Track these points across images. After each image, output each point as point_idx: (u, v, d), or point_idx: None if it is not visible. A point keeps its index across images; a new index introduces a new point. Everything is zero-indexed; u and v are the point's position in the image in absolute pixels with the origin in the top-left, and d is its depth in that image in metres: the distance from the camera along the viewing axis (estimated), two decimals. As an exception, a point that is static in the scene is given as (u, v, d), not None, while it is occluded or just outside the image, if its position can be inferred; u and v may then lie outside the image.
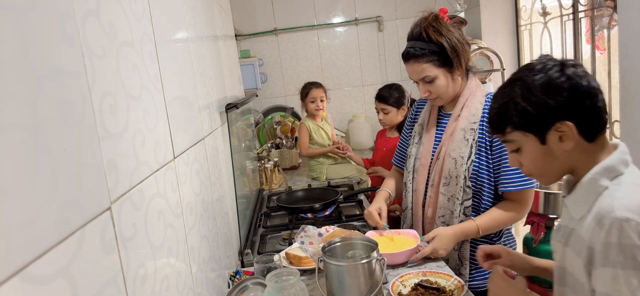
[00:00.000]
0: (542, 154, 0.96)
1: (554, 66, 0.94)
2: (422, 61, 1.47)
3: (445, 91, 1.51)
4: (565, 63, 0.94)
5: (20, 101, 0.51)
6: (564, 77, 0.92)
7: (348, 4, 3.92)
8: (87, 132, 0.65)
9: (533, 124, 0.95)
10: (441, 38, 1.45)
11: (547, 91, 0.92)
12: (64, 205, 0.57)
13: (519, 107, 0.95)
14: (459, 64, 1.48)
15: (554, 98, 0.92)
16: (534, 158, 0.98)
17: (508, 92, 0.98)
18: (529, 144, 0.97)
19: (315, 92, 2.98)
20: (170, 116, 1.06)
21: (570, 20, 2.67)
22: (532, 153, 0.98)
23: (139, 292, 0.77)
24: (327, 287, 1.27)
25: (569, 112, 0.91)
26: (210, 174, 1.45)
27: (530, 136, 0.96)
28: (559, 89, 0.92)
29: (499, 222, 1.47)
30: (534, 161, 0.99)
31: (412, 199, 1.64)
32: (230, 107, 1.83)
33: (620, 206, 0.84)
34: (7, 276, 0.46)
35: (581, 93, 0.91)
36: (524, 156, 1.00)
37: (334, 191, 2.38)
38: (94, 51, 0.70)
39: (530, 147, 0.97)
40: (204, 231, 1.27)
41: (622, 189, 0.88)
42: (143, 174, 0.85)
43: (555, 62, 0.95)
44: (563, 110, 0.92)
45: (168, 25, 1.15)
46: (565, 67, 0.93)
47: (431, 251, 1.44)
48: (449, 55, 1.45)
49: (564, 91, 0.91)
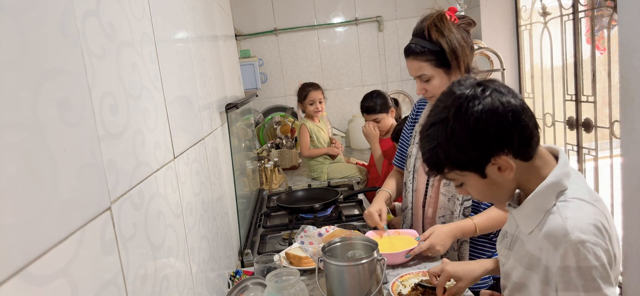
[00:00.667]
0: (487, 185, 0.96)
1: (472, 99, 0.90)
2: (421, 59, 1.47)
3: (441, 92, 1.51)
4: (483, 88, 0.90)
5: (20, 101, 0.51)
6: (485, 108, 0.88)
7: (348, 4, 3.92)
8: (87, 132, 0.65)
9: (467, 165, 0.93)
10: (442, 39, 1.43)
11: (473, 134, 0.89)
12: (63, 205, 0.57)
13: (449, 153, 0.93)
14: (458, 66, 1.46)
15: (481, 139, 0.89)
16: (479, 190, 0.98)
17: (435, 135, 0.94)
18: (470, 179, 0.96)
19: (314, 94, 2.99)
20: (170, 116, 1.06)
21: (570, 20, 2.67)
22: (476, 186, 0.97)
23: (139, 292, 0.77)
24: (327, 287, 1.27)
25: (500, 144, 0.90)
26: (210, 174, 1.45)
27: (468, 173, 0.95)
28: (484, 126, 0.89)
29: (497, 221, 1.47)
30: (480, 193, 0.99)
31: (412, 199, 1.64)
32: (230, 107, 1.83)
33: (573, 228, 0.85)
34: (7, 276, 0.46)
35: (506, 123, 0.89)
36: (469, 188, 0.99)
37: (334, 191, 2.38)
38: (94, 50, 0.70)
39: (472, 182, 0.96)
40: (204, 231, 1.27)
41: (570, 208, 0.89)
42: (143, 174, 0.85)
43: (471, 93, 0.90)
44: (494, 146, 0.90)
45: (168, 25, 1.15)
46: (484, 95, 0.89)
47: (428, 246, 1.43)
48: (448, 56, 1.44)
49: (490, 127, 0.89)
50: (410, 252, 1.47)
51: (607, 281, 0.85)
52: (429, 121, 0.96)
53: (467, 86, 0.92)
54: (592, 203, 0.90)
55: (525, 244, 0.97)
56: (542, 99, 3.11)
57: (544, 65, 3.07)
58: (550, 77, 2.96)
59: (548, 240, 0.89)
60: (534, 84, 3.22)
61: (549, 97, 3.01)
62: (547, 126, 3.03)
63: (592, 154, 2.61)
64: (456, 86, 0.94)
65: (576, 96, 2.71)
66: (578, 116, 2.71)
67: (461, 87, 0.93)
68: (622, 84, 1.78)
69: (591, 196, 0.92)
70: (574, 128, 2.75)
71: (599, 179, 2.59)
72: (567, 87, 2.78)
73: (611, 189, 2.48)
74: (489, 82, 0.93)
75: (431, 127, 0.95)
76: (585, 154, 2.70)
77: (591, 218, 0.87)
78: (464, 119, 0.89)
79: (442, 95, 0.97)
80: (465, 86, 0.93)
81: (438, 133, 0.93)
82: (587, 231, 0.85)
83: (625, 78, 1.75)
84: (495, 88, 0.91)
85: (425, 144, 0.97)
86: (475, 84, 0.92)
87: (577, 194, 0.91)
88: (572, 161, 2.81)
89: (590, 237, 0.84)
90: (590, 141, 2.64)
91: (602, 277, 0.85)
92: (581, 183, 0.95)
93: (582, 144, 2.71)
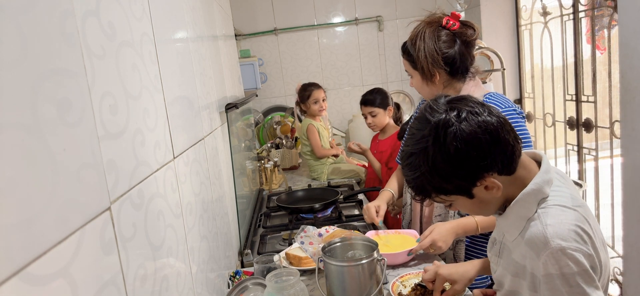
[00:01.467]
0: (475, 204, 0.95)
1: (448, 126, 0.86)
2: (405, 57, 1.59)
3: (421, 89, 1.59)
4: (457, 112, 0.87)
5: (20, 101, 0.51)
6: (464, 135, 0.85)
7: (348, 4, 3.92)
8: (87, 132, 0.65)
9: (453, 191, 0.92)
10: (413, 46, 1.51)
11: (454, 162, 0.87)
12: (63, 205, 0.57)
13: (433, 182, 0.91)
14: (424, 75, 1.51)
15: (463, 166, 0.87)
16: (469, 208, 0.98)
17: (417, 165, 0.91)
18: (458, 200, 0.95)
19: (317, 93, 2.99)
20: (170, 116, 1.06)
21: (571, 20, 2.67)
22: (465, 205, 0.97)
23: (139, 292, 0.77)
24: (327, 287, 1.27)
25: (484, 167, 0.88)
26: (210, 174, 1.45)
27: (455, 196, 0.94)
28: (465, 153, 0.86)
29: None
30: (471, 210, 0.99)
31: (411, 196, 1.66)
32: (230, 107, 1.83)
33: (553, 235, 0.85)
34: (7, 276, 0.46)
35: (486, 145, 0.86)
36: (459, 206, 0.98)
37: (334, 191, 2.38)
38: (93, 50, 0.70)
39: (460, 202, 0.96)
40: (204, 231, 1.27)
41: (550, 215, 0.88)
42: (143, 174, 0.85)
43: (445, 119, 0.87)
44: (477, 169, 0.88)
45: (168, 25, 1.15)
46: (459, 119, 0.86)
47: (430, 242, 1.43)
48: (417, 63, 1.51)
49: (470, 152, 0.86)
50: (411, 250, 1.47)
51: (591, 284, 0.85)
52: (408, 150, 0.94)
53: (441, 110, 0.89)
54: (573, 208, 0.89)
55: (512, 253, 0.97)
56: (542, 99, 3.11)
57: (544, 65, 3.07)
58: (551, 77, 2.96)
59: (530, 248, 0.89)
60: (534, 84, 3.22)
61: (549, 97, 3.01)
62: (548, 126, 3.03)
63: (592, 154, 2.62)
64: (429, 113, 0.91)
65: (576, 96, 2.71)
66: (578, 116, 2.71)
67: (434, 113, 0.90)
68: (622, 84, 1.78)
69: (573, 201, 0.91)
70: (575, 128, 2.75)
71: (599, 179, 2.59)
72: (568, 87, 2.78)
73: (611, 190, 2.48)
74: (461, 102, 0.90)
75: (411, 157, 0.92)
76: (586, 154, 2.70)
77: (572, 224, 0.86)
78: (443, 149, 0.87)
79: (416, 121, 0.94)
80: (438, 111, 0.89)
81: (419, 163, 0.90)
82: (567, 237, 0.84)
83: (625, 78, 1.75)
84: (469, 110, 0.88)
85: (407, 172, 0.95)
86: (448, 108, 0.89)
87: (558, 201, 0.90)
88: (573, 160, 2.81)
89: (571, 244, 0.84)
90: (590, 141, 2.64)
91: (586, 281, 0.84)
92: (564, 188, 0.94)
93: (583, 144, 2.71)
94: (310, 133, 2.98)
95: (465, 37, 1.50)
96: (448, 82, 1.53)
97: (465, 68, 1.52)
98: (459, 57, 1.49)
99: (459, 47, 1.49)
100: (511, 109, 1.45)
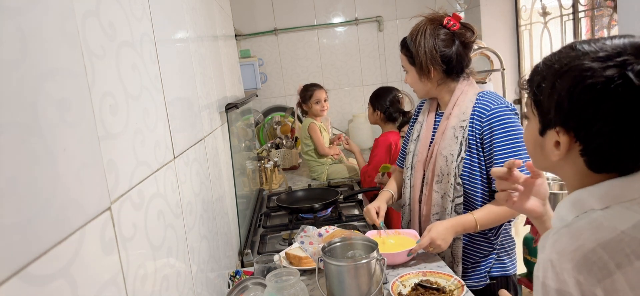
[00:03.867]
0: (535, 141, 0.85)
1: (619, 65, 0.69)
2: (403, 52, 1.62)
3: (414, 85, 1.62)
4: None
5: (20, 101, 0.51)
6: (617, 84, 0.68)
7: (348, 4, 3.92)
8: (87, 132, 0.65)
9: (538, 107, 0.81)
10: (413, 41, 1.55)
11: (573, 93, 0.72)
12: (63, 205, 0.57)
13: (539, 82, 0.80)
14: (421, 70, 1.55)
15: (570, 106, 0.73)
16: (528, 138, 0.89)
17: (550, 61, 0.79)
18: (531, 122, 0.86)
19: (319, 93, 3.00)
20: (170, 116, 1.06)
21: (570, 20, 2.67)
22: (529, 132, 0.88)
23: (139, 292, 0.77)
24: (327, 287, 1.27)
25: (582, 126, 0.73)
26: (210, 174, 1.45)
27: (533, 117, 0.84)
28: (594, 96, 0.70)
29: (498, 216, 1.47)
30: (528, 141, 0.90)
31: (410, 196, 1.66)
32: (230, 107, 1.83)
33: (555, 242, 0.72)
34: (7, 276, 0.46)
35: (621, 117, 0.69)
36: (526, 129, 0.90)
37: (334, 191, 2.37)
38: (93, 50, 0.70)
39: (530, 125, 0.87)
40: (204, 231, 1.27)
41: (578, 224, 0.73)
42: (143, 174, 0.85)
43: (624, 61, 0.69)
44: (573, 120, 0.74)
45: (168, 25, 1.15)
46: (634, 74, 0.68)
47: (429, 241, 1.43)
48: (415, 59, 1.55)
49: (604, 100, 0.69)
50: (411, 250, 1.47)
51: None
52: (556, 52, 0.80)
53: (630, 59, 0.70)
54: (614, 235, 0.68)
55: None
56: (542, 99, 3.11)
57: (544, 65, 3.06)
58: (550, 77, 2.95)
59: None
60: (534, 84, 3.22)
61: (549, 97, 3.01)
62: (547, 126, 3.02)
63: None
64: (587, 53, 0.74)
65: (576, 96, 2.70)
66: (578, 116, 2.71)
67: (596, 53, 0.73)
68: (622, 84, 1.78)
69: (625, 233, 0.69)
70: (574, 128, 2.74)
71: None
72: (567, 87, 2.78)
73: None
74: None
75: (557, 54, 0.79)
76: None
77: (590, 247, 0.68)
78: (588, 77, 0.71)
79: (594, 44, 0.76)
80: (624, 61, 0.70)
81: (553, 63, 0.78)
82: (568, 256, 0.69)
83: (625, 78, 1.75)
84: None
85: (544, 60, 0.82)
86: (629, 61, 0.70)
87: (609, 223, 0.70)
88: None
89: (565, 264, 0.68)
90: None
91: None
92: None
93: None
94: (312, 132, 2.98)
95: (464, 38, 1.52)
96: (442, 81, 1.57)
97: (461, 68, 1.56)
98: (456, 57, 1.52)
99: (457, 47, 1.52)
100: (503, 105, 1.47)
